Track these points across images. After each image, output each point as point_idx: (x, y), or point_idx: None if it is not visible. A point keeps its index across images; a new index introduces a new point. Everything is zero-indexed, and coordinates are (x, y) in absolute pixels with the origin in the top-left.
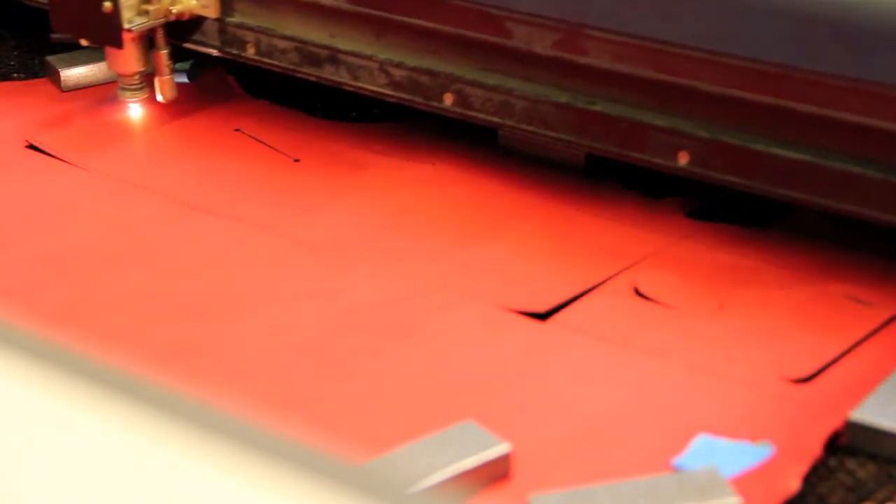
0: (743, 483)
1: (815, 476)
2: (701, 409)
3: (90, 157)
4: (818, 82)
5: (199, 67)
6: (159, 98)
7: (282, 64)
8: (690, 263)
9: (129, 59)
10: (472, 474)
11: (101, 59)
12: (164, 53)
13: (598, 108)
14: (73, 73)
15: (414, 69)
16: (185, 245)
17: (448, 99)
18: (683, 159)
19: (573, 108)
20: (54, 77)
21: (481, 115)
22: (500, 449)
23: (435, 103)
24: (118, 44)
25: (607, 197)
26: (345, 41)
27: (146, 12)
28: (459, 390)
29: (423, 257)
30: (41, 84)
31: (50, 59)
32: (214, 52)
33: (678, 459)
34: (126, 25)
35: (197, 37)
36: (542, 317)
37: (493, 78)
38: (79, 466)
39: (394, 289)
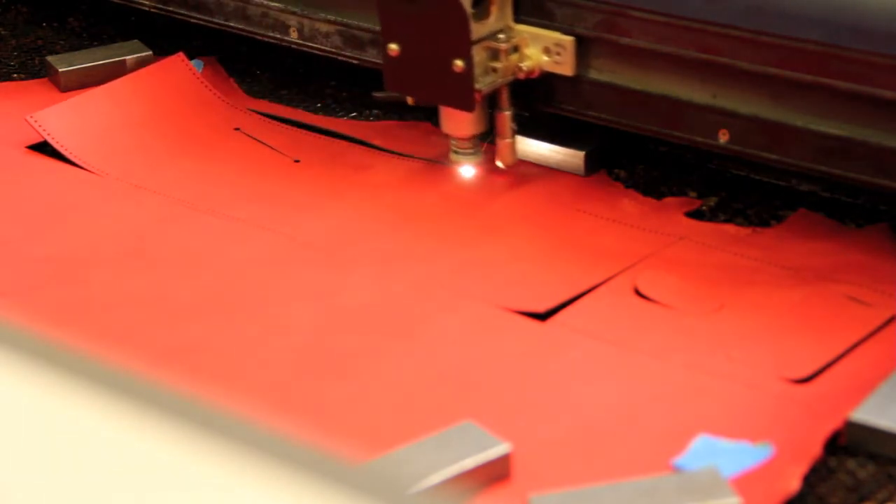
0: (743, 483)
1: (815, 476)
2: (701, 410)
3: (90, 156)
4: (857, 60)
5: (199, 67)
6: (499, 164)
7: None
8: (690, 263)
9: (468, 120)
10: (472, 474)
11: (100, 58)
12: (507, 114)
13: (638, 87)
14: (73, 73)
15: None
16: (185, 245)
17: None
18: (724, 137)
19: (614, 87)
20: (54, 77)
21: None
22: (500, 449)
23: None
24: (469, 106)
25: (607, 197)
26: None
27: (493, 70)
28: (459, 390)
29: (423, 257)
30: (41, 84)
31: (50, 59)
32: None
33: (678, 459)
34: (476, 85)
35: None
36: (542, 317)
37: None
38: (78, 466)
39: (394, 289)
